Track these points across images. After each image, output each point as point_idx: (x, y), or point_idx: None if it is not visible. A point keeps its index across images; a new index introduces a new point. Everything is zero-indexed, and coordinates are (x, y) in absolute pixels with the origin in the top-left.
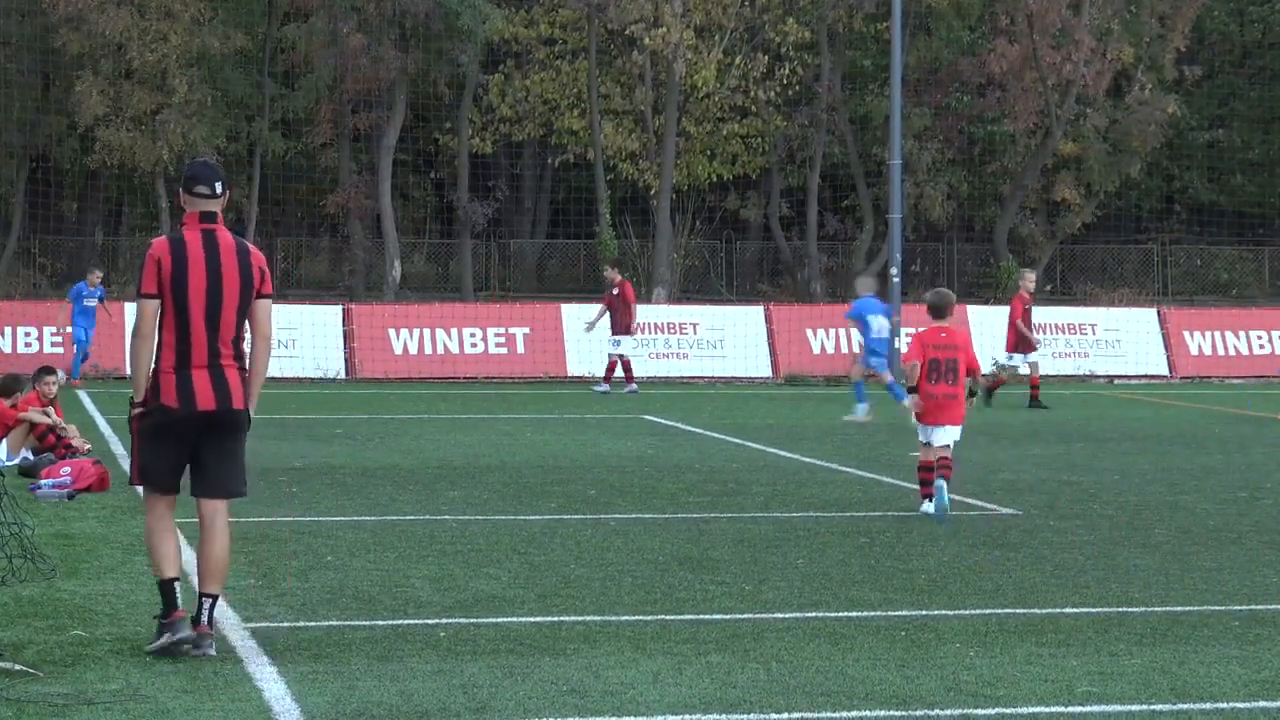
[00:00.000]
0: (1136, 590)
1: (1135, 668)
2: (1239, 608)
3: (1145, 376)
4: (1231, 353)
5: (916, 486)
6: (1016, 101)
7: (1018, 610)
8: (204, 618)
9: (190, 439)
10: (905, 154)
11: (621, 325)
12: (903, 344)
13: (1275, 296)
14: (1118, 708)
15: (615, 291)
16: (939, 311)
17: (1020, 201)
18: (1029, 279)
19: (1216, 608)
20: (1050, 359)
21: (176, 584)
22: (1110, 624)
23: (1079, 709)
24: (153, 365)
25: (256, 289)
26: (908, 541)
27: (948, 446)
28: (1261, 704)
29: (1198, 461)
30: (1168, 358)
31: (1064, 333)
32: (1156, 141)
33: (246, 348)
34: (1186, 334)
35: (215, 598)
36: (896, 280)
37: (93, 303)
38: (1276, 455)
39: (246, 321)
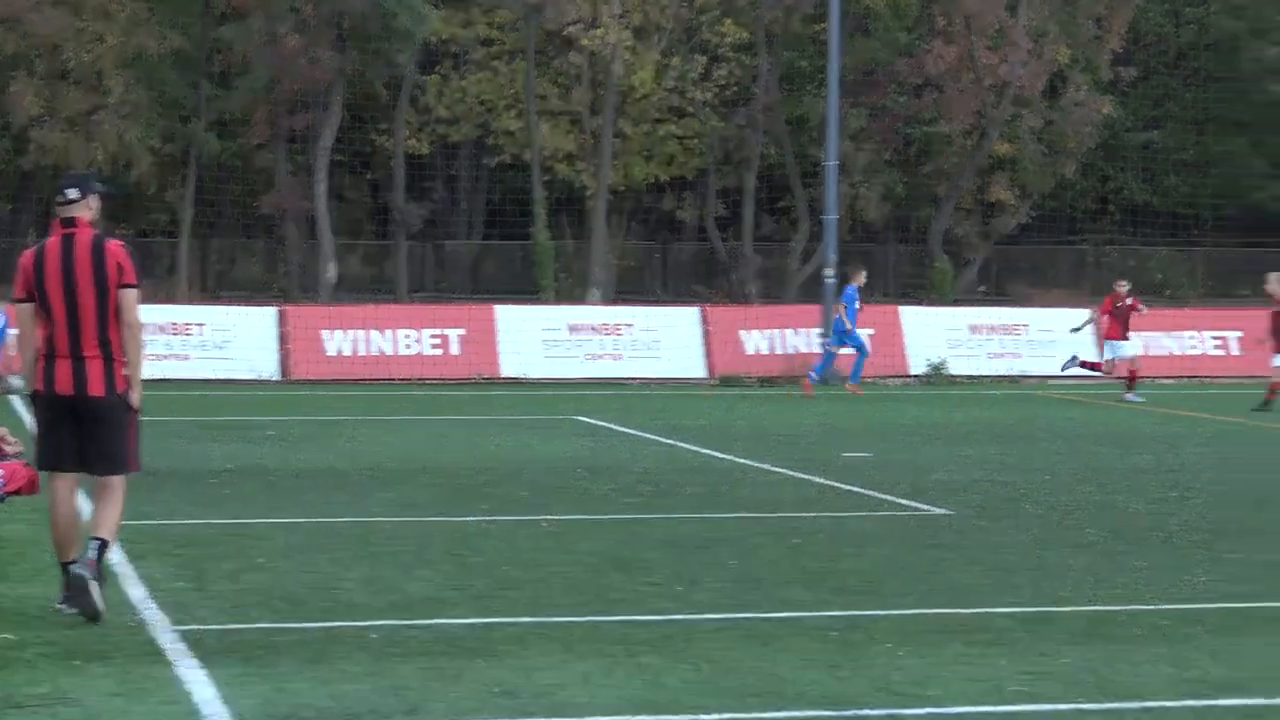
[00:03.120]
0: (1067, 590)
1: (1065, 667)
2: (1168, 607)
3: (1078, 377)
4: (1164, 353)
5: (849, 488)
6: (953, 102)
7: (948, 610)
8: (91, 554)
9: (70, 421)
10: (841, 155)
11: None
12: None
13: (1208, 297)
14: (1047, 707)
15: (1128, 301)
16: None
17: (955, 202)
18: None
19: (1146, 607)
20: (984, 359)
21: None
22: (1040, 623)
23: (1008, 708)
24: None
25: (117, 282)
26: (839, 542)
27: None
28: (1189, 703)
29: (1129, 461)
30: (1100, 358)
31: (997, 333)
32: (1091, 142)
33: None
34: None
35: (104, 542)
36: (831, 281)
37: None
38: (1207, 455)
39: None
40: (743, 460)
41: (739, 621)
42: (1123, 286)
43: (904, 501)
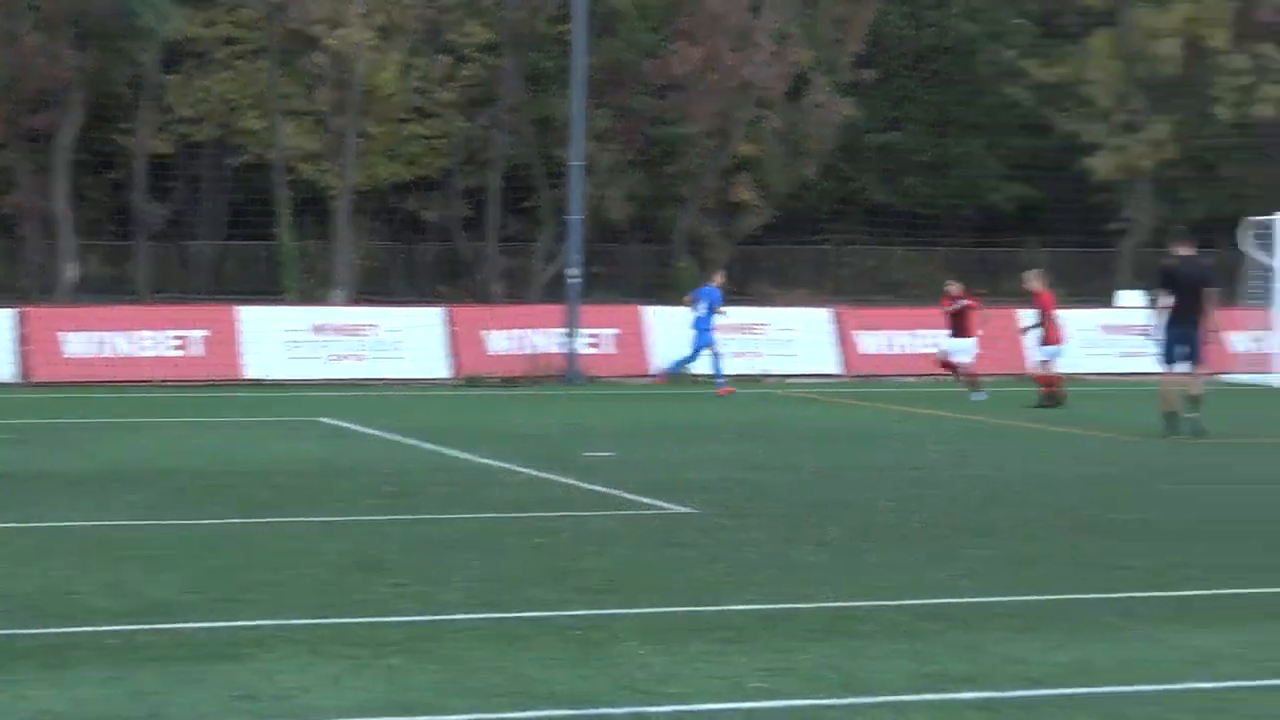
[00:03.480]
0: (809, 587)
1: (806, 663)
2: (907, 602)
3: (819, 375)
4: (903, 352)
5: (592, 487)
6: (697, 103)
7: (691, 608)
8: None
9: None
10: (586, 155)
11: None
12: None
13: None
14: (788, 703)
15: (963, 302)
16: None
17: (699, 203)
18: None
19: (886, 603)
20: (727, 358)
21: None
22: (782, 620)
23: (750, 705)
24: None
25: None
26: (583, 541)
27: None
28: (928, 697)
29: (870, 459)
30: (841, 357)
31: (739, 332)
32: (833, 143)
33: None
34: (860, 333)
35: None
36: (576, 282)
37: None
38: (946, 453)
39: None
40: (487, 460)
41: (484, 622)
42: (953, 287)
43: (647, 500)
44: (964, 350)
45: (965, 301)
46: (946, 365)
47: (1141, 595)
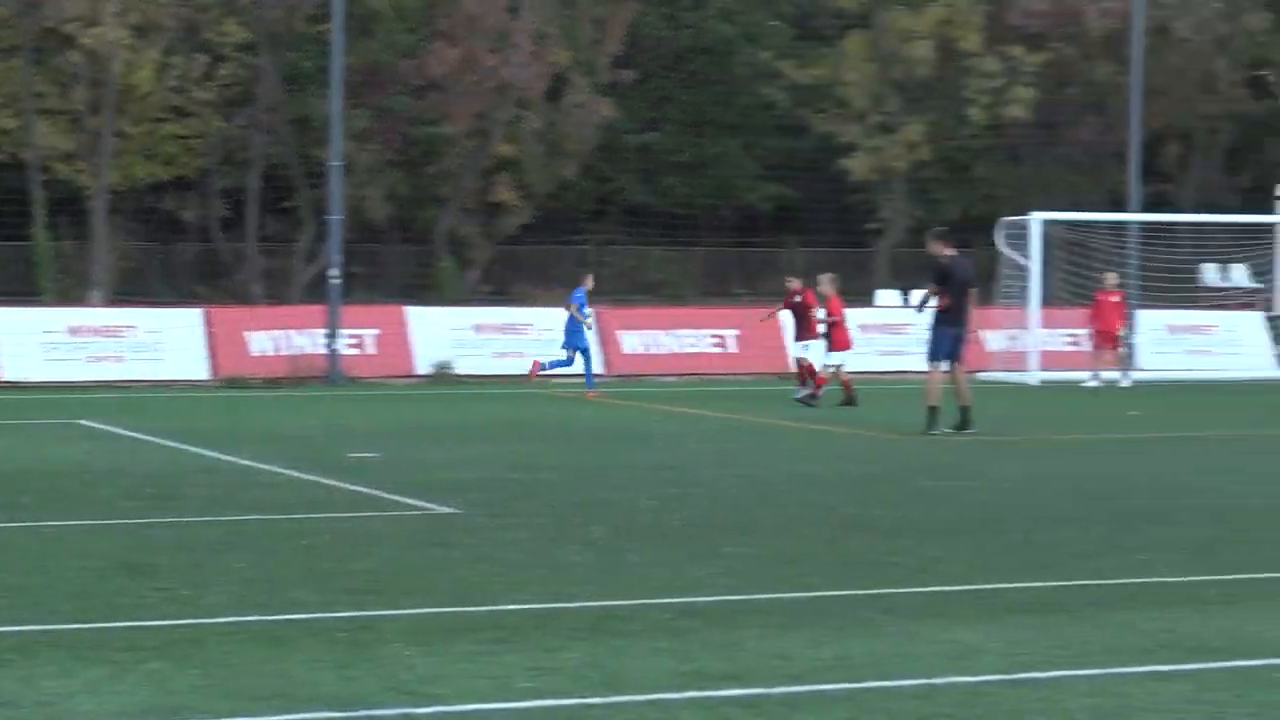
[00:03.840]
0: (574, 586)
1: (572, 662)
2: (669, 601)
3: (581, 375)
4: (664, 351)
5: (356, 488)
6: (456, 104)
7: (457, 608)
8: None
9: None
10: (345, 155)
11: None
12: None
13: (706, 295)
14: (553, 702)
15: (798, 299)
16: None
17: (459, 203)
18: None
19: (649, 601)
20: (490, 358)
21: None
22: (548, 619)
23: (518, 705)
24: None
25: None
26: (347, 543)
27: None
28: (690, 694)
29: (634, 458)
30: (602, 356)
31: (503, 333)
32: (592, 144)
33: None
34: (622, 333)
35: None
36: (337, 282)
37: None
38: (708, 452)
39: None
40: (249, 462)
41: (249, 624)
42: (794, 283)
43: (411, 501)
44: (810, 348)
45: (800, 298)
46: (805, 369)
47: (902, 591)
